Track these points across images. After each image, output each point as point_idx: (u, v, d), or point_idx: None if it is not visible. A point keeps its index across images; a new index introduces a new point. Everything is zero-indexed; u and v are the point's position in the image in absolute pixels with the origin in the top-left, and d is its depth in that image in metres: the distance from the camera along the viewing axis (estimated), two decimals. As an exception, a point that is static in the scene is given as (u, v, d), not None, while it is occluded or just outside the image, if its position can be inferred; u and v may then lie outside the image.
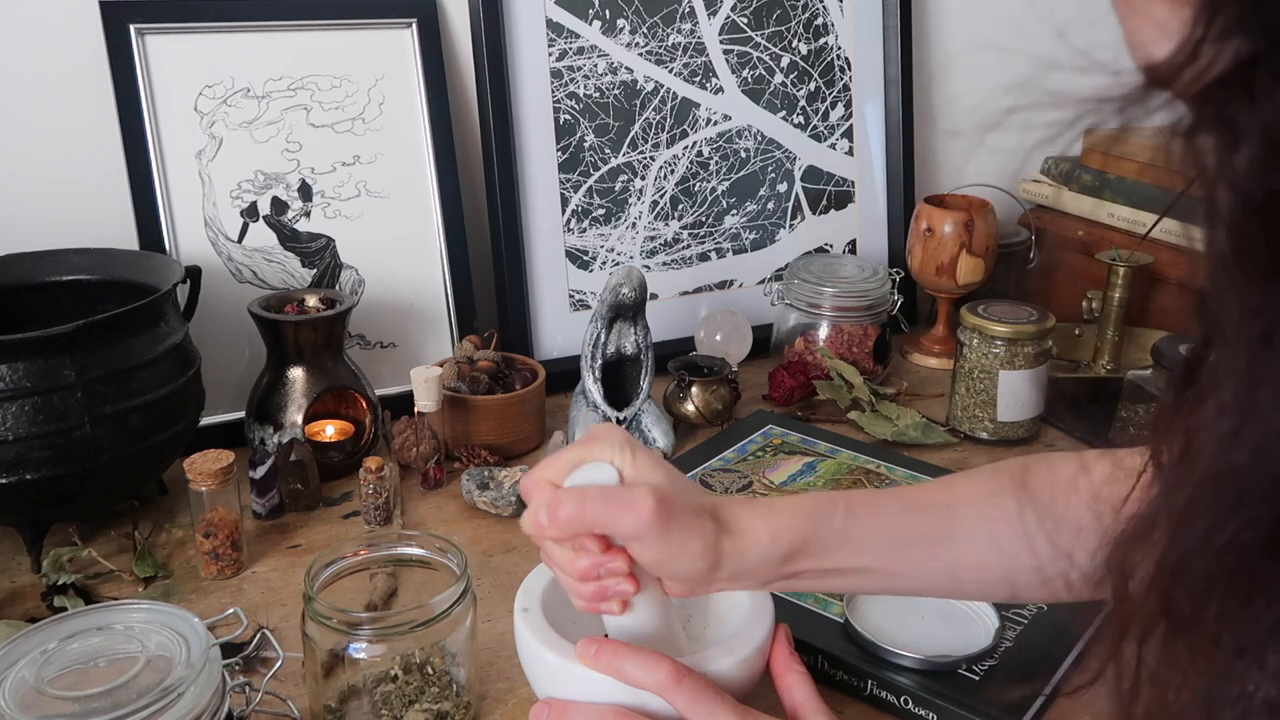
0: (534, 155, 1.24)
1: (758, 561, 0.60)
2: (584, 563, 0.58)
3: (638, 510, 0.56)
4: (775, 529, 0.60)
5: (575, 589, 0.60)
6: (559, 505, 0.57)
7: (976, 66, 1.55)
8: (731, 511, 0.61)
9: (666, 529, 0.56)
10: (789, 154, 1.39)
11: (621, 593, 0.59)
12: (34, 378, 0.82)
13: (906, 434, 1.13)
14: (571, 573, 0.59)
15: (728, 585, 0.62)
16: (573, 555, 0.59)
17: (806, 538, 0.61)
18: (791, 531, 0.61)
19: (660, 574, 0.60)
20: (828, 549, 0.62)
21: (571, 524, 0.57)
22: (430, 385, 1.01)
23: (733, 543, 0.59)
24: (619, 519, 0.56)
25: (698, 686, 0.56)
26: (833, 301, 1.25)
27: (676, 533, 0.57)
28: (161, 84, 1.08)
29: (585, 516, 0.57)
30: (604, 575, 0.58)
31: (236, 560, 0.90)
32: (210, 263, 1.09)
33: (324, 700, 0.70)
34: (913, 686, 0.72)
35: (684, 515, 0.58)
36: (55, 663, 0.61)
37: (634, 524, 0.56)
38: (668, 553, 0.57)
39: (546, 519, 0.57)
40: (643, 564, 0.59)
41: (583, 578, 0.59)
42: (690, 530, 0.58)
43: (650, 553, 0.58)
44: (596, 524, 0.57)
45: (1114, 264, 1.25)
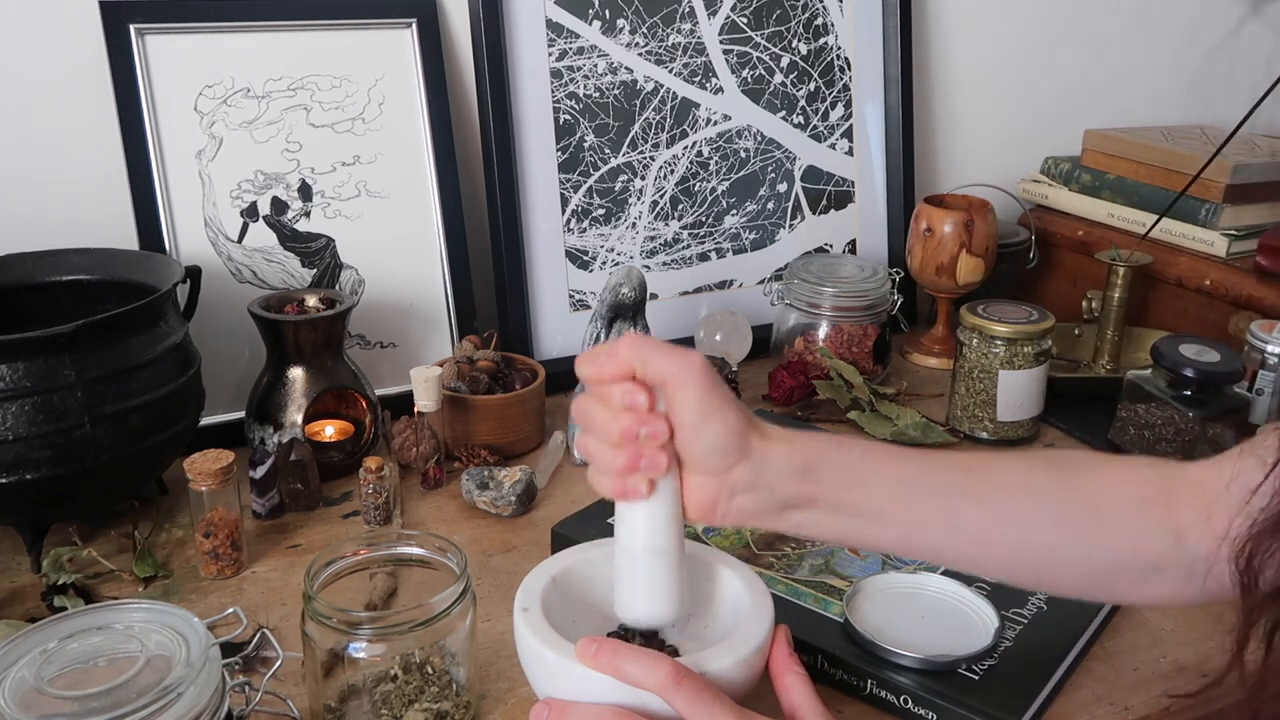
0: (534, 155, 1.24)
1: (777, 468, 0.62)
2: (628, 419, 0.60)
3: (690, 358, 0.60)
4: (794, 440, 0.63)
5: (609, 460, 0.62)
6: (620, 344, 0.61)
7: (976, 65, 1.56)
8: (759, 420, 0.64)
9: (711, 384, 0.60)
10: (789, 154, 1.39)
11: (654, 464, 0.61)
12: (34, 378, 0.82)
13: (906, 434, 1.13)
14: (613, 432, 0.61)
15: (745, 497, 0.62)
16: (616, 414, 0.61)
17: (825, 457, 0.63)
18: (810, 445, 0.63)
19: (692, 444, 0.61)
20: (844, 478, 0.63)
21: (630, 358, 0.60)
22: (430, 385, 1.01)
23: (760, 440, 0.62)
24: (673, 359, 0.60)
25: (697, 687, 0.56)
26: (833, 301, 1.25)
27: (718, 395, 0.61)
28: (161, 84, 1.08)
29: (644, 353, 0.60)
30: (644, 438, 0.60)
31: (236, 560, 0.90)
32: (210, 263, 1.09)
33: (324, 700, 0.70)
34: (912, 686, 0.72)
35: (725, 388, 0.62)
36: (55, 662, 0.61)
37: (684, 367, 0.60)
38: (706, 411, 0.60)
39: (607, 355, 0.61)
40: (680, 426, 0.61)
41: (624, 437, 0.60)
42: (729, 401, 0.61)
43: (691, 409, 0.60)
44: (652, 360, 0.60)
45: (1114, 264, 1.25)
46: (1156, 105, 1.69)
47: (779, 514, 0.64)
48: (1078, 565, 0.64)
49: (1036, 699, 0.72)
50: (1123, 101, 1.66)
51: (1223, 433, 1.05)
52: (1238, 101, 1.15)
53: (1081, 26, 1.62)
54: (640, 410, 0.60)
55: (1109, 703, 0.76)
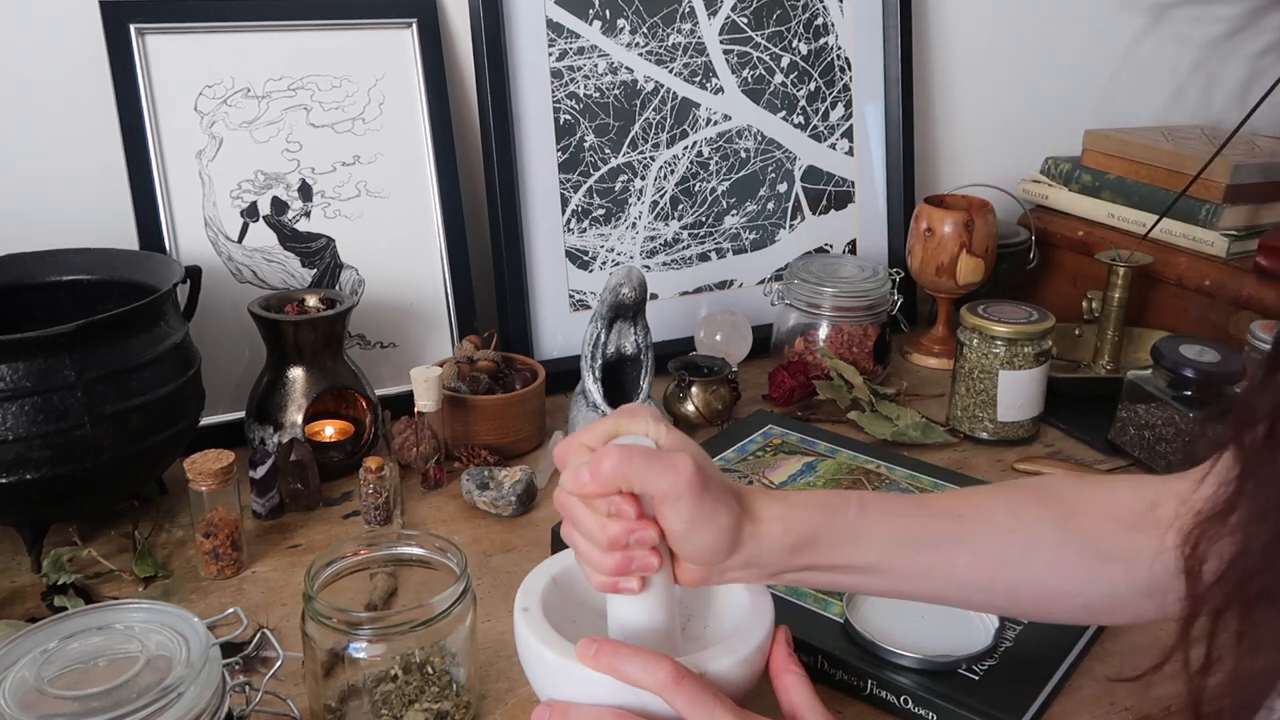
0: (534, 155, 1.24)
1: (771, 550, 0.61)
2: (615, 528, 0.59)
3: (679, 470, 0.57)
4: (788, 519, 0.61)
5: (598, 562, 0.61)
6: (603, 460, 0.57)
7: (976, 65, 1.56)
8: (753, 498, 0.62)
9: (702, 495, 0.58)
10: (789, 154, 1.39)
11: (646, 565, 0.60)
12: (34, 378, 0.82)
13: (906, 434, 1.13)
14: (600, 539, 0.60)
15: (739, 573, 0.62)
16: (604, 521, 0.59)
17: (819, 531, 0.62)
18: (804, 523, 0.62)
19: (683, 547, 0.60)
20: (839, 544, 0.62)
21: (614, 477, 0.57)
22: (430, 385, 1.01)
23: (752, 527, 0.61)
24: (661, 477, 0.57)
25: (697, 688, 0.56)
26: (833, 301, 1.25)
27: (709, 502, 0.58)
28: (161, 84, 1.08)
29: (629, 471, 0.57)
30: (633, 544, 0.59)
31: (236, 560, 0.90)
32: (210, 263, 1.09)
33: (324, 700, 0.70)
34: (913, 686, 0.72)
35: (716, 487, 0.59)
36: (55, 662, 0.61)
37: (674, 483, 0.57)
38: (697, 521, 0.58)
39: (589, 475, 0.58)
40: (671, 533, 0.59)
41: (611, 545, 0.59)
42: (720, 503, 0.59)
43: (681, 519, 0.58)
44: (638, 479, 0.57)
45: (1114, 264, 1.25)
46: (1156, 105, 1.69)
47: (773, 579, 0.64)
48: (1075, 598, 0.64)
49: (1036, 699, 0.72)
50: (1123, 101, 1.66)
51: (1223, 433, 1.05)
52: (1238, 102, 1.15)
53: (1082, 26, 1.62)
54: (628, 519, 0.59)
55: (1109, 703, 0.76)
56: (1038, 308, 1.15)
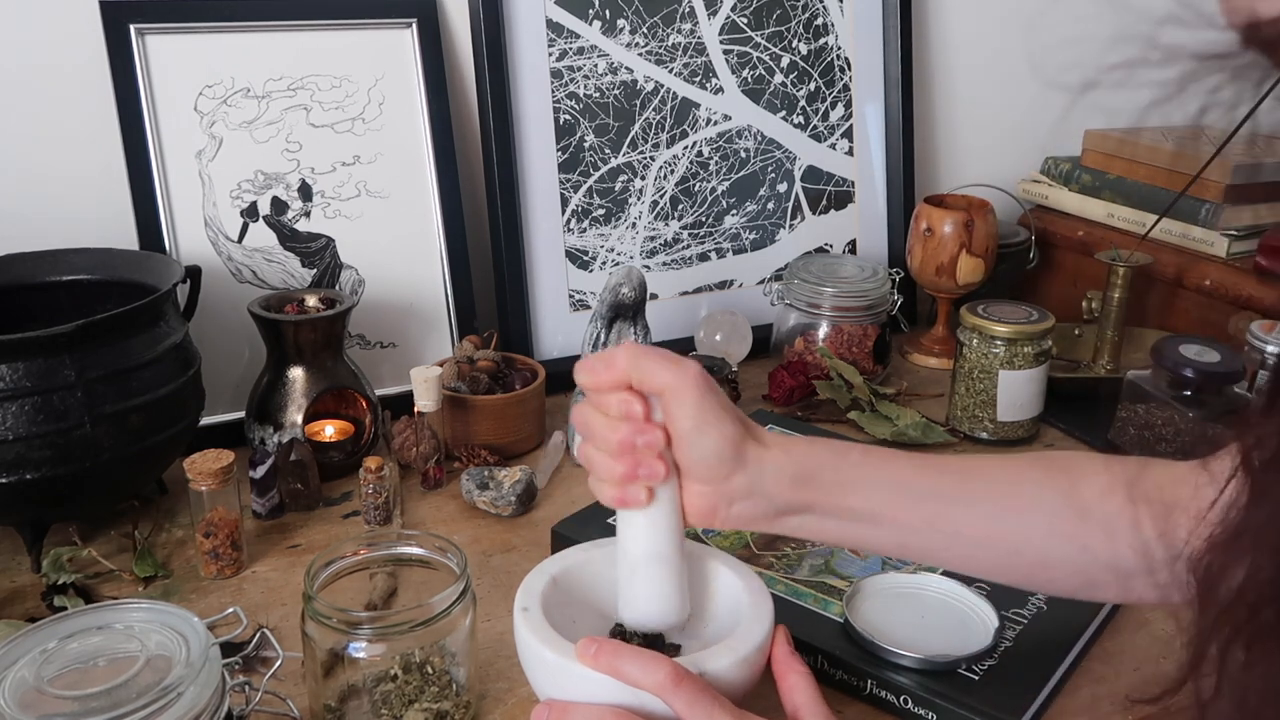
0: (534, 155, 1.24)
1: (774, 476, 0.63)
2: (625, 429, 0.61)
3: (686, 366, 0.61)
4: (792, 449, 0.64)
5: (608, 469, 0.62)
6: (617, 353, 0.61)
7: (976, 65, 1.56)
8: (757, 429, 0.64)
9: (707, 393, 0.61)
10: (789, 154, 1.39)
11: (651, 472, 0.61)
12: (34, 378, 0.82)
13: (906, 434, 1.13)
14: (611, 442, 0.61)
15: (743, 505, 0.63)
16: (613, 423, 0.61)
17: (821, 465, 0.64)
18: (807, 455, 0.64)
19: (689, 453, 0.62)
20: (841, 484, 0.64)
21: (626, 368, 0.60)
22: (430, 385, 1.01)
23: (756, 449, 0.63)
24: (669, 369, 0.60)
25: (696, 689, 0.56)
26: (833, 301, 1.25)
27: (713, 404, 0.61)
28: (161, 84, 1.08)
29: (640, 361, 0.60)
30: (641, 448, 0.61)
31: (236, 560, 0.90)
32: (210, 263, 1.09)
33: (324, 700, 0.70)
34: (913, 686, 0.72)
35: (720, 397, 0.62)
36: (55, 662, 0.61)
37: (680, 375, 0.60)
38: (702, 421, 0.61)
39: (603, 364, 0.61)
40: (677, 435, 0.61)
41: (620, 447, 0.61)
42: (725, 411, 0.62)
43: (688, 417, 0.60)
44: (648, 372, 0.60)
45: (1114, 264, 1.25)
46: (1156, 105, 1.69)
47: (777, 519, 0.65)
48: (1071, 566, 0.64)
49: (1036, 699, 0.72)
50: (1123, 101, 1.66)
51: (1223, 433, 1.05)
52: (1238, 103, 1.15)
53: (1082, 25, 1.61)
54: (637, 419, 0.61)
55: (1109, 703, 0.76)
56: (1038, 308, 1.15)
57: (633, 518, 0.64)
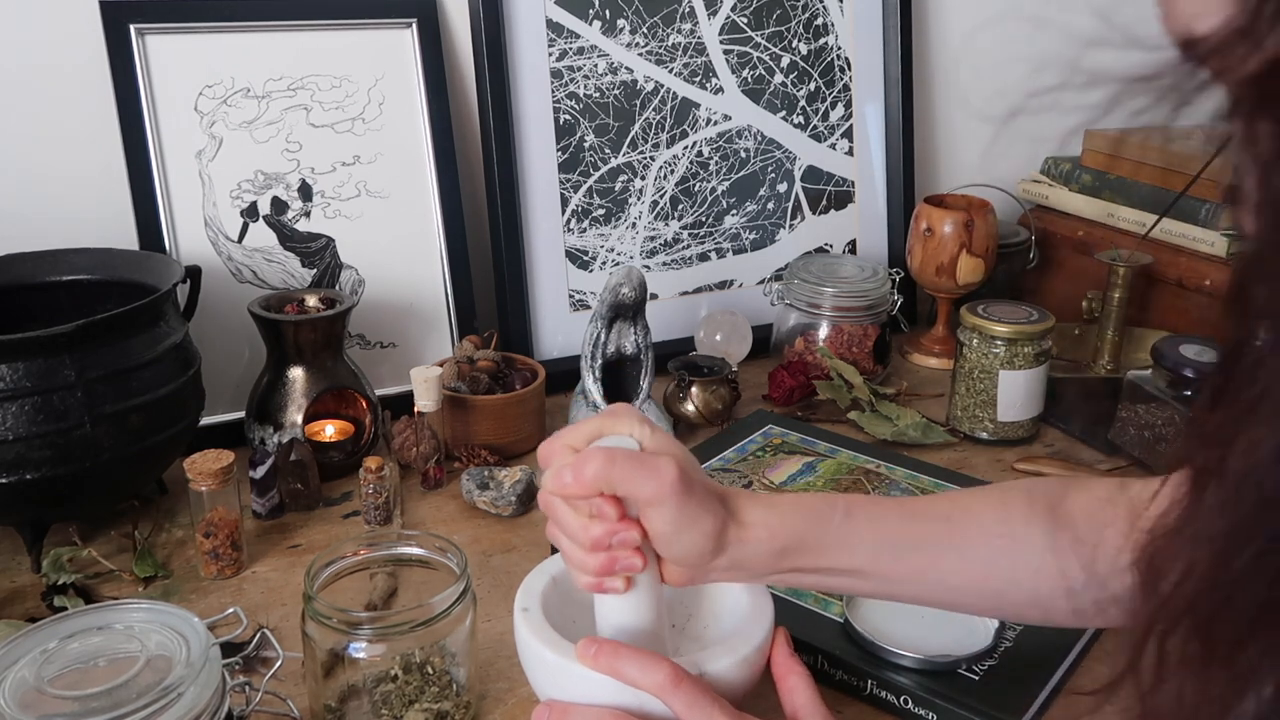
0: (534, 155, 1.24)
1: (756, 554, 0.61)
2: (598, 530, 0.59)
3: (662, 475, 0.57)
4: (774, 525, 0.61)
5: (582, 562, 0.60)
6: (585, 462, 0.57)
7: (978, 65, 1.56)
8: (737, 501, 0.62)
9: (685, 498, 0.58)
10: (789, 154, 1.39)
11: (629, 566, 0.60)
12: (34, 378, 0.82)
13: (906, 434, 1.13)
14: (584, 541, 0.59)
15: (724, 575, 0.62)
16: (586, 523, 0.59)
17: (804, 536, 0.62)
18: (789, 529, 0.62)
19: (667, 550, 0.60)
20: (824, 549, 0.62)
21: (597, 481, 0.57)
22: (430, 385, 1.01)
23: (737, 531, 0.60)
24: (644, 481, 0.57)
25: (695, 690, 0.56)
26: (833, 301, 1.25)
27: (693, 506, 0.58)
28: (161, 84, 1.08)
29: (612, 475, 0.57)
30: (615, 545, 0.59)
31: (236, 560, 0.90)
32: (210, 263, 1.09)
33: (324, 700, 0.70)
34: (913, 686, 0.72)
35: (700, 491, 0.59)
36: (55, 662, 0.61)
37: (657, 488, 0.57)
38: (680, 525, 0.58)
39: (571, 477, 0.57)
40: (654, 535, 0.59)
41: (594, 546, 0.59)
42: (704, 506, 0.59)
43: (664, 523, 0.58)
44: (621, 483, 0.57)
45: (1114, 264, 1.25)
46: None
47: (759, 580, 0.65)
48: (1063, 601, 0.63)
49: (1036, 699, 0.72)
50: (1123, 101, 1.66)
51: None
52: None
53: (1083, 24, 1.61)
54: (610, 520, 0.58)
55: (1109, 702, 0.76)
56: (1038, 308, 1.15)
57: (612, 599, 0.63)
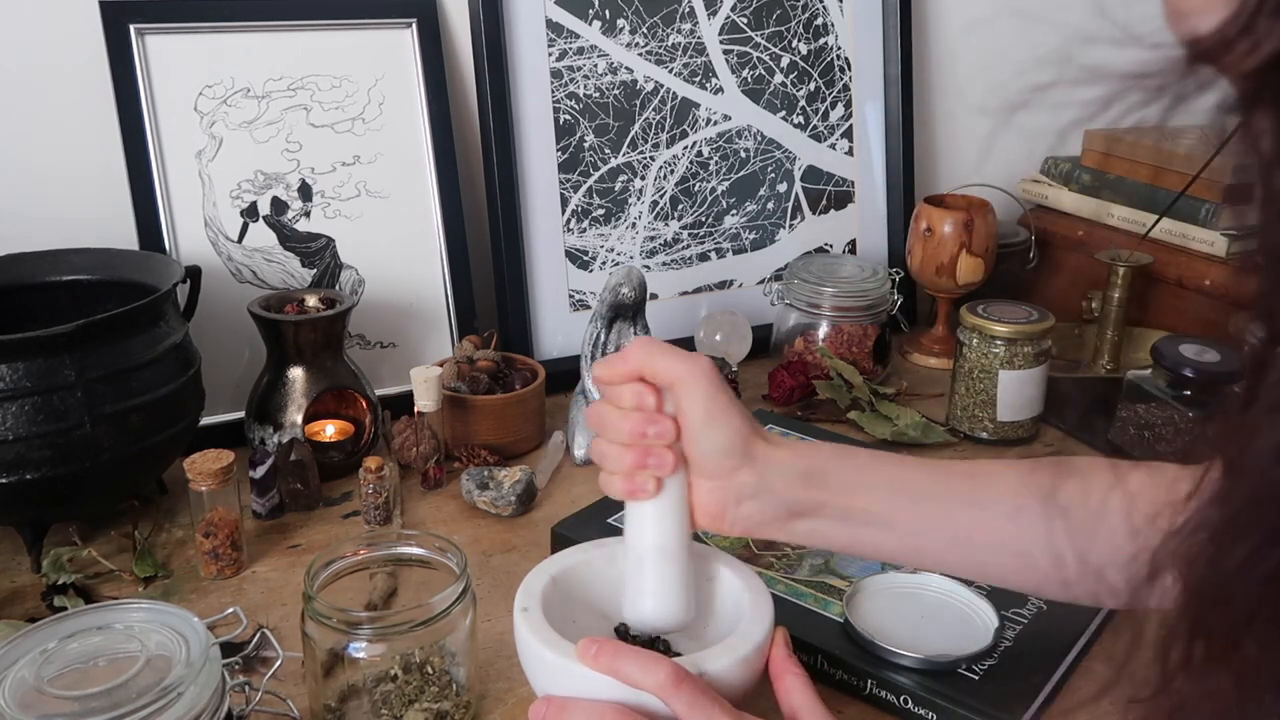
0: (534, 155, 1.24)
1: (781, 472, 0.63)
2: (635, 420, 0.63)
3: (698, 360, 0.62)
4: (799, 447, 0.65)
5: (618, 458, 0.63)
6: (630, 347, 0.63)
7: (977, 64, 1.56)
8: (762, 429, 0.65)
9: (718, 387, 0.63)
10: (789, 154, 1.39)
11: (661, 462, 0.63)
12: (34, 378, 0.82)
13: (906, 434, 1.13)
14: (621, 433, 0.63)
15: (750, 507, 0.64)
16: (626, 413, 0.63)
17: (828, 463, 0.64)
18: (815, 453, 0.65)
19: (698, 444, 0.63)
20: (848, 484, 0.64)
21: (640, 361, 0.62)
22: (430, 385, 1.01)
23: (765, 446, 0.64)
24: (680, 362, 0.62)
25: (696, 690, 0.56)
26: (832, 301, 1.25)
27: (724, 398, 0.63)
28: (161, 84, 1.08)
29: (653, 354, 0.62)
30: (651, 438, 0.62)
31: (236, 560, 0.90)
32: (210, 263, 1.09)
33: (324, 700, 0.70)
34: (913, 686, 0.72)
35: (730, 393, 0.64)
36: (55, 662, 0.61)
37: (691, 368, 0.62)
38: (712, 413, 0.62)
39: (618, 356, 0.63)
40: (687, 427, 0.62)
41: (631, 437, 0.63)
42: (734, 406, 0.63)
43: (698, 409, 0.62)
44: (661, 364, 0.62)
45: (1114, 264, 1.25)
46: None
47: (786, 522, 0.65)
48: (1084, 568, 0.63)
49: (1036, 699, 0.72)
50: (1123, 101, 1.66)
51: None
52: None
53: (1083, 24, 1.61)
54: (648, 410, 0.62)
55: (1109, 703, 0.76)
56: (1038, 308, 1.15)
57: (641, 511, 0.64)
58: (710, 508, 0.64)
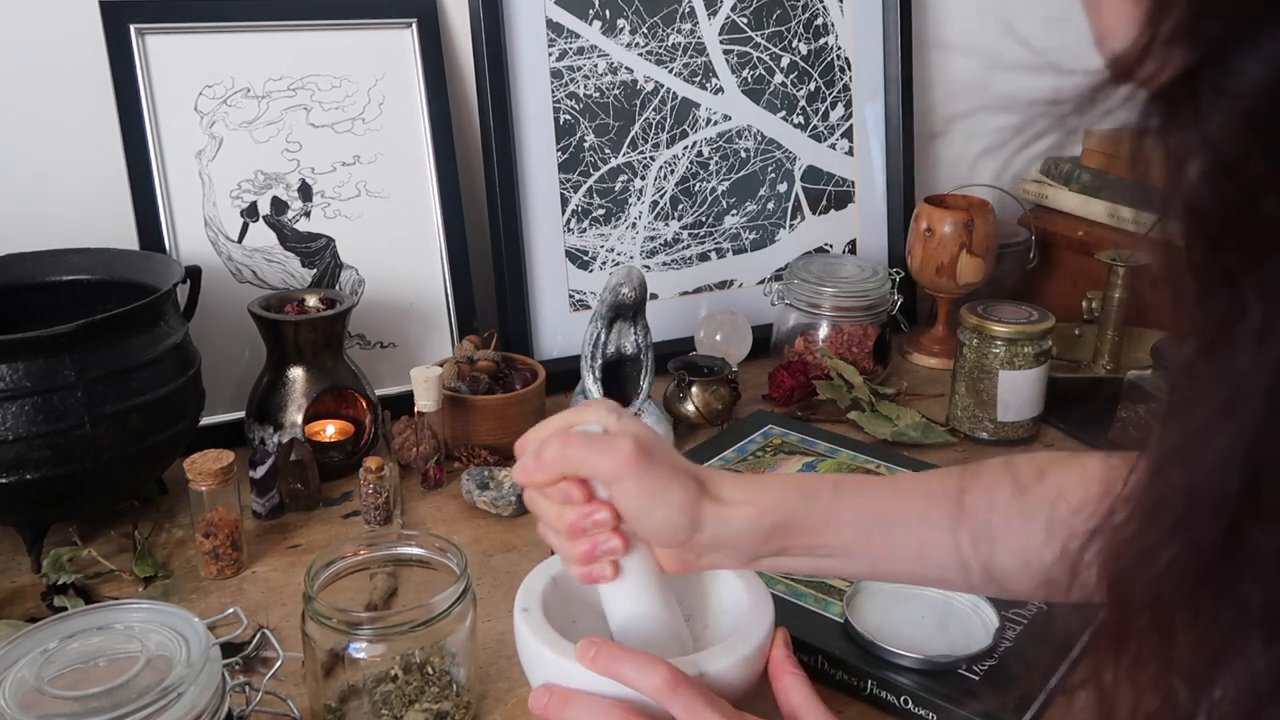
0: (534, 155, 1.24)
1: (743, 531, 0.61)
2: (571, 514, 0.60)
3: (616, 450, 0.58)
4: (763, 503, 0.62)
5: (568, 552, 0.62)
6: (545, 447, 0.59)
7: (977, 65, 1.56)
8: (716, 480, 0.62)
9: (644, 471, 0.59)
10: (789, 154, 1.39)
11: (610, 549, 0.61)
12: (34, 378, 0.82)
13: (906, 434, 1.13)
14: (561, 528, 0.61)
15: (714, 557, 0.63)
16: (559, 510, 0.61)
17: (792, 514, 0.62)
18: (779, 506, 0.62)
19: (641, 527, 0.61)
20: (813, 528, 0.62)
21: (555, 463, 0.59)
22: (430, 385, 1.01)
23: (716, 508, 0.61)
24: (600, 458, 0.59)
25: (694, 693, 0.56)
26: (833, 301, 1.25)
27: (655, 477, 0.59)
28: (161, 84, 1.08)
29: (568, 455, 0.59)
30: (590, 529, 0.60)
31: (236, 560, 0.90)
32: (210, 263, 1.09)
33: (324, 700, 0.70)
34: (913, 686, 0.72)
35: (663, 464, 0.60)
36: (55, 662, 0.61)
37: (612, 464, 0.58)
38: (647, 498, 0.59)
39: (533, 462, 0.60)
40: (625, 514, 0.60)
41: (571, 532, 0.61)
42: (670, 479, 0.60)
43: (631, 498, 0.59)
44: (578, 462, 0.59)
45: (1114, 264, 1.25)
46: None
47: (752, 563, 0.65)
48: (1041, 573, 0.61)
49: (1036, 699, 0.72)
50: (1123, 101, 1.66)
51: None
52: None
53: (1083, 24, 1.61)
54: (578, 503, 0.60)
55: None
56: (1038, 308, 1.15)
57: (610, 591, 0.63)
58: (674, 566, 0.64)
